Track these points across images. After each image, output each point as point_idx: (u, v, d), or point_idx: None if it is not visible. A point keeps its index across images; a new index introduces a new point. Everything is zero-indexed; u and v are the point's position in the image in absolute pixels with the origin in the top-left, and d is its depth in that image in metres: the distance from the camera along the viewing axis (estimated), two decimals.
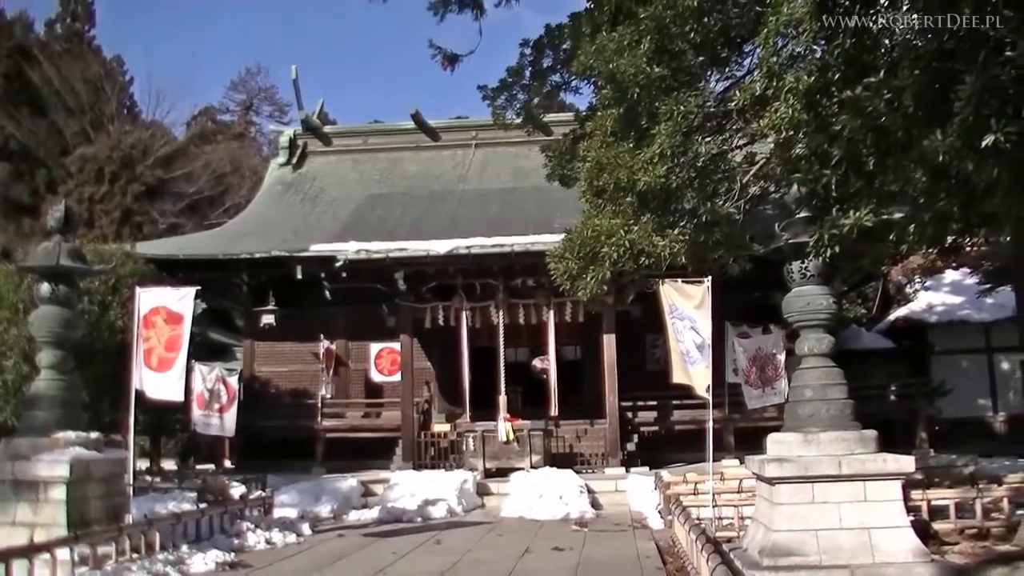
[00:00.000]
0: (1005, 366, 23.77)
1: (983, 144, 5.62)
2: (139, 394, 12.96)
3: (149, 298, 13.43)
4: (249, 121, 60.46)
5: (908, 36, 6.70)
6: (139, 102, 49.74)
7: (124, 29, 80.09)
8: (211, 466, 21.50)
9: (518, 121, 13.81)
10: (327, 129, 28.33)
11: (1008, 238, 11.75)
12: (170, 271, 20.37)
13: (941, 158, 5.89)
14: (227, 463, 21.71)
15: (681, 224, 8.91)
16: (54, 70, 41.80)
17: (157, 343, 13.18)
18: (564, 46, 11.90)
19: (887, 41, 7.99)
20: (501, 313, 19.36)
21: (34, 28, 47.21)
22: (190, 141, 49.04)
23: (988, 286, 20.38)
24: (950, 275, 25.28)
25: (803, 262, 8.59)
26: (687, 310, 12.60)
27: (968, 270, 23.46)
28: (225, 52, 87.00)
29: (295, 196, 25.68)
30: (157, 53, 78.11)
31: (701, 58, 8.56)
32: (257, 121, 60.51)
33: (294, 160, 27.11)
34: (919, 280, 26.17)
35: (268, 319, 22.05)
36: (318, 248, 19.87)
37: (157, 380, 13.06)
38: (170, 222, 40.60)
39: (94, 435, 10.61)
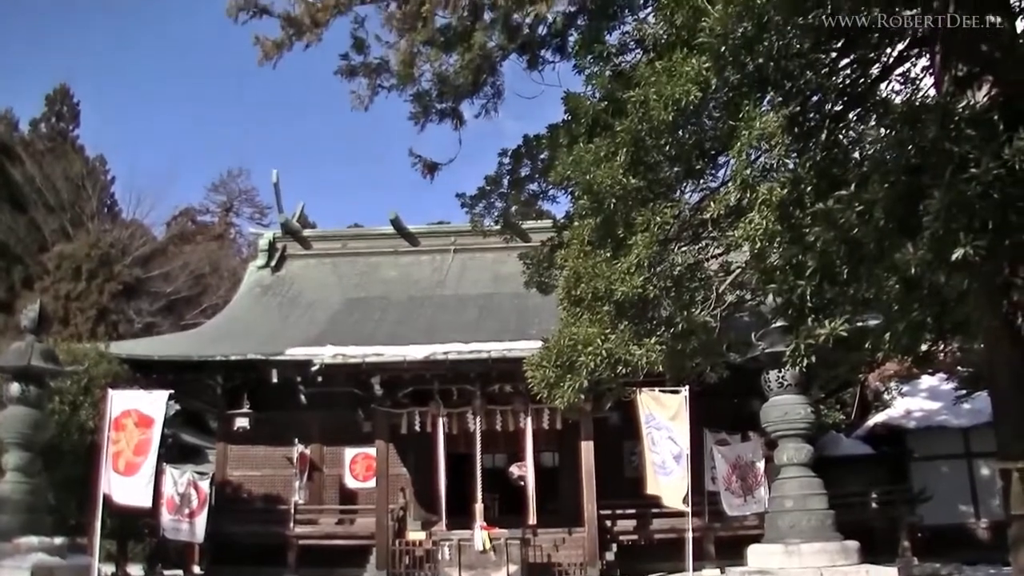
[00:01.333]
0: (985, 472, 23.66)
1: (953, 257, 5.70)
2: (106, 497, 12.66)
3: (121, 400, 13.26)
4: (229, 222, 60.87)
5: (877, 151, 6.87)
6: (120, 201, 50.03)
7: (108, 128, 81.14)
8: (179, 572, 20.86)
9: (496, 228, 13.98)
10: (306, 232, 28.51)
11: (981, 345, 11.83)
12: (144, 372, 20.17)
13: (913, 270, 5.97)
14: (196, 569, 21.06)
15: (658, 333, 8.93)
16: (36, 168, 42.14)
17: (126, 446, 12.98)
18: (542, 156, 12.12)
19: (857, 155, 8.20)
20: (478, 419, 19.20)
21: (18, 127, 47.75)
22: (169, 241, 49.20)
23: (964, 392, 20.43)
24: (927, 381, 25.35)
25: (780, 371, 8.62)
26: (664, 420, 12.56)
27: (944, 375, 23.55)
28: (207, 153, 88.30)
29: (273, 299, 25.65)
30: (141, 153, 79.04)
31: (676, 169, 8.71)
32: (237, 223, 60.95)
33: (273, 263, 27.18)
34: (896, 386, 26.23)
35: (242, 422, 21.75)
36: (294, 352, 19.76)
37: (124, 484, 12.80)
38: (146, 321, 40.35)
39: (58, 540, 10.33)
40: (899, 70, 9.55)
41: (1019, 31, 7.95)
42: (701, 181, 9.31)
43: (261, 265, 27.33)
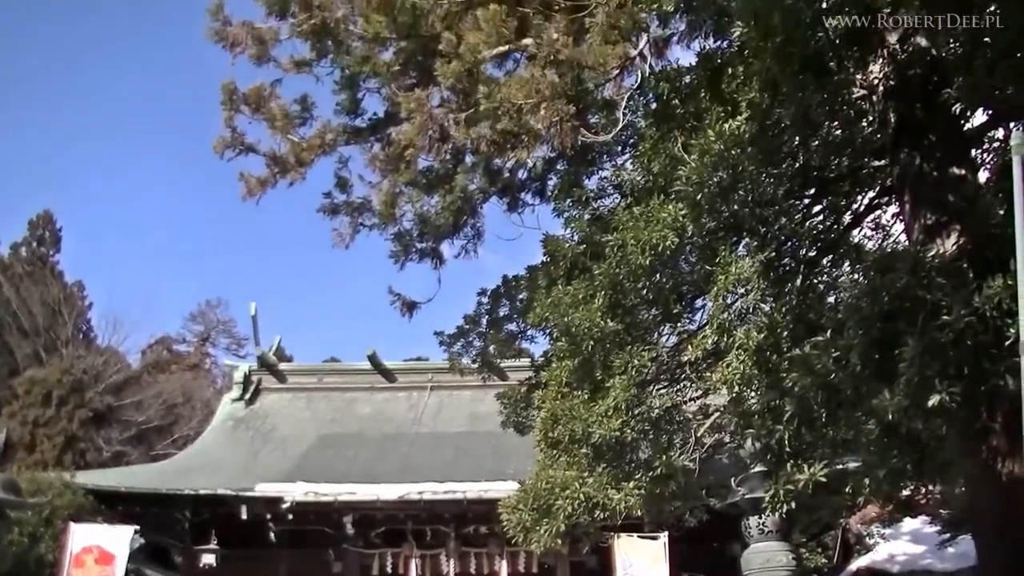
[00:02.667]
0: None
1: (930, 403, 5.72)
2: None
3: (82, 535, 12.88)
4: (205, 353, 60.41)
5: (851, 297, 6.96)
6: (96, 327, 49.47)
7: (89, 254, 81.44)
8: None
9: (474, 367, 13.96)
10: (282, 366, 28.33)
11: (962, 489, 11.75)
12: (110, 504, 19.58)
13: (891, 416, 5.96)
14: None
15: (636, 476, 8.82)
16: (13, 292, 41.92)
17: None
18: (521, 296, 12.22)
19: (832, 300, 8.32)
20: (452, 562, 18.72)
21: None
22: (144, 369, 48.63)
23: (948, 536, 20.13)
24: (909, 524, 24.96)
25: (760, 517, 8.49)
26: (642, 565, 12.27)
27: (927, 518, 23.22)
28: (187, 282, 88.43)
29: (246, 432, 25.25)
30: (120, 280, 79.16)
31: (654, 313, 8.80)
32: (213, 353, 60.44)
33: (247, 396, 26.88)
34: (878, 530, 25.83)
35: (208, 559, 21.03)
36: (265, 488, 19.31)
37: None
38: (115, 451, 39.43)
39: None
40: (870, 217, 9.83)
41: (982, 182, 8.20)
42: (678, 324, 9.39)
43: (235, 398, 27.02)
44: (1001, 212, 6.83)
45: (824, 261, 9.15)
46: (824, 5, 7.23)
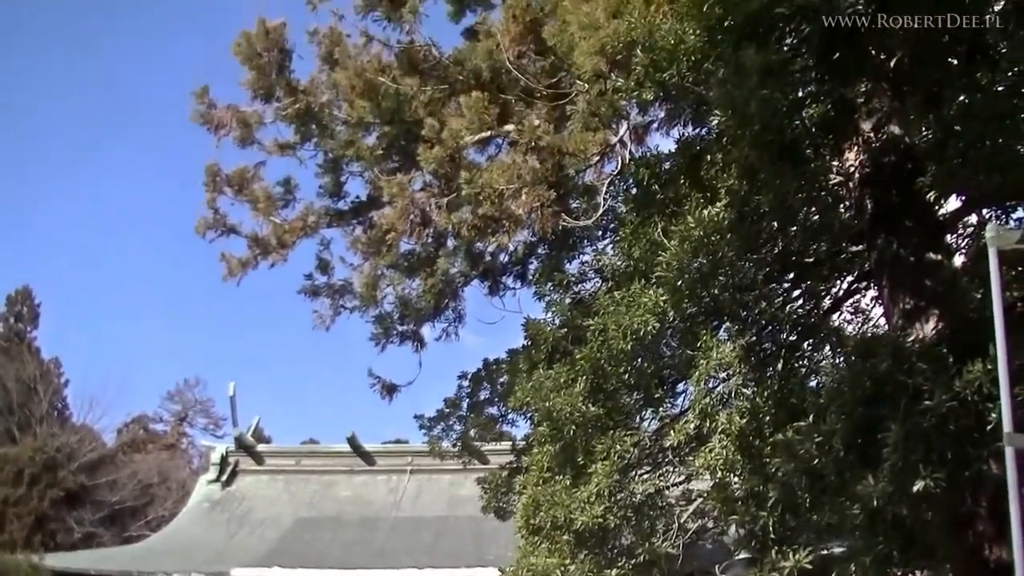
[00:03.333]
0: None
1: (914, 489, 5.70)
2: None
3: None
4: (182, 432, 59.38)
5: (833, 381, 6.98)
6: (72, 405, 48.65)
7: (67, 330, 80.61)
8: None
9: (454, 451, 13.81)
10: (260, 448, 27.93)
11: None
12: None
13: (875, 502, 5.93)
14: None
15: (619, 564, 8.69)
16: None
17: None
18: (501, 379, 12.16)
19: (813, 383, 8.34)
20: None
21: None
22: (119, 449, 47.74)
23: None
24: None
25: None
26: None
27: None
28: (165, 362, 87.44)
29: (222, 515, 24.76)
30: (98, 357, 78.36)
31: (636, 397, 8.78)
32: (190, 433, 59.47)
33: (224, 477, 26.41)
34: None
35: None
36: (240, 573, 18.91)
37: None
38: (87, 531, 38.45)
39: None
40: (849, 302, 9.90)
41: (958, 266, 8.31)
42: (660, 409, 9.35)
43: (211, 479, 26.54)
44: (978, 296, 6.92)
45: (805, 345, 9.19)
46: (800, 94, 7.43)
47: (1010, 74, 7.32)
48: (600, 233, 10.80)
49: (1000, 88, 7.17)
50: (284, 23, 12.16)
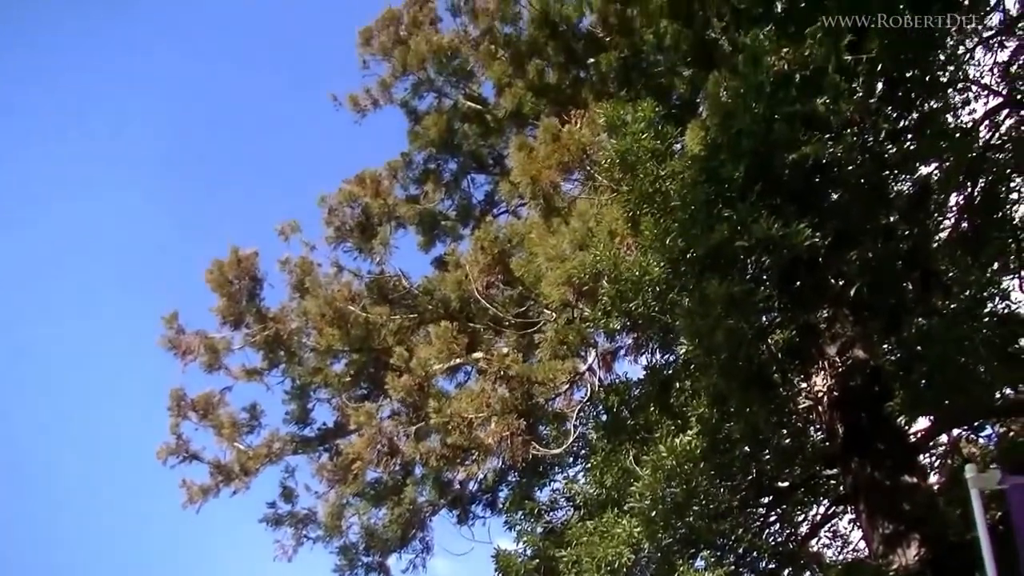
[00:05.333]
0: None
1: None
2: None
3: None
4: None
5: None
6: None
7: None
8: None
9: None
10: None
11: None
12: None
13: None
14: None
15: None
16: None
17: None
18: None
19: None
20: None
21: None
22: None
23: None
24: None
25: None
26: None
27: None
28: None
29: None
30: None
31: None
32: None
33: None
34: None
35: None
36: None
37: None
38: None
39: None
40: (827, 526, 9.73)
41: (935, 487, 8.25)
42: None
43: None
44: (957, 515, 6.81)
45: (785, 573, 8.91)
46: (764, 321, 7.56)
47: (962, 297, 7.56)
48: (571, 460, 10.62)
49: (955, 311, 7.37)
50: (256, 252, 12.38)
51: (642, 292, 7.38)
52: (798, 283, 7.31)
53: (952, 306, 7.50)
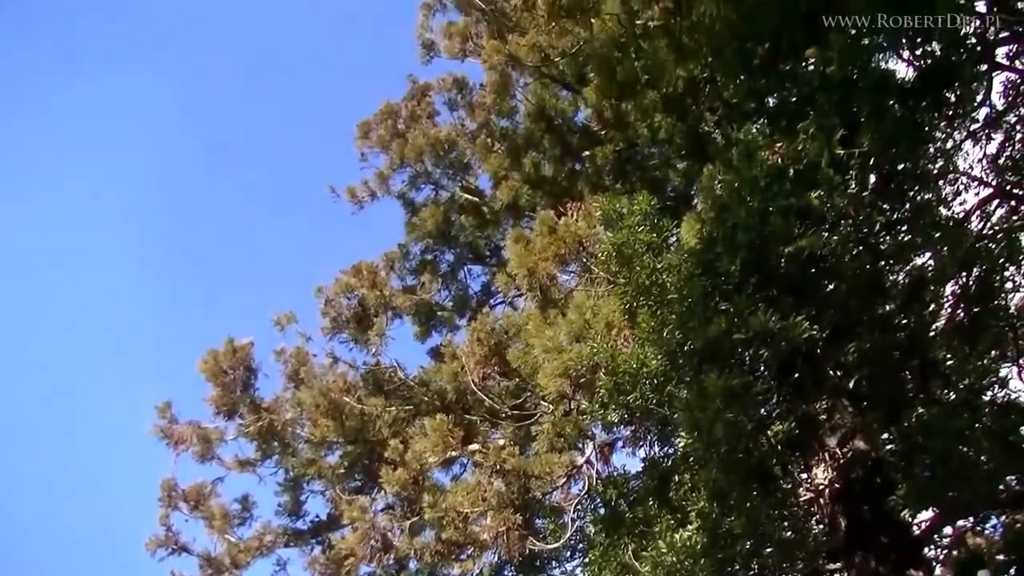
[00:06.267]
0: None
1: None
2: None
3: None
4: None
5: None
6: None
7: None
8: None
9: None
10: None
11: None
12: None
13: None
14: None
15: None
16: None
17: None
18: None
19: None
20: None
21: None
22: None
23: None
24: None
25: None
26: None
27: None
28: None
29: None
30: None
31: None
32: None
33: None
34: None
35: None
36: None
37: None
38: None
39: None
40: None
41: None
42: None
43: None
44: None
45: None
46: (763, 413, 7.49)
47: (962, 386, 7.52)
48: (569, 554, 10.43)
49: (954, 401, 7.32)
50: (251, 342, 12.33)
51: (640, 384, 7.34)
52: (797, 375, 7.27)
53: (951, 396, 7.46)
